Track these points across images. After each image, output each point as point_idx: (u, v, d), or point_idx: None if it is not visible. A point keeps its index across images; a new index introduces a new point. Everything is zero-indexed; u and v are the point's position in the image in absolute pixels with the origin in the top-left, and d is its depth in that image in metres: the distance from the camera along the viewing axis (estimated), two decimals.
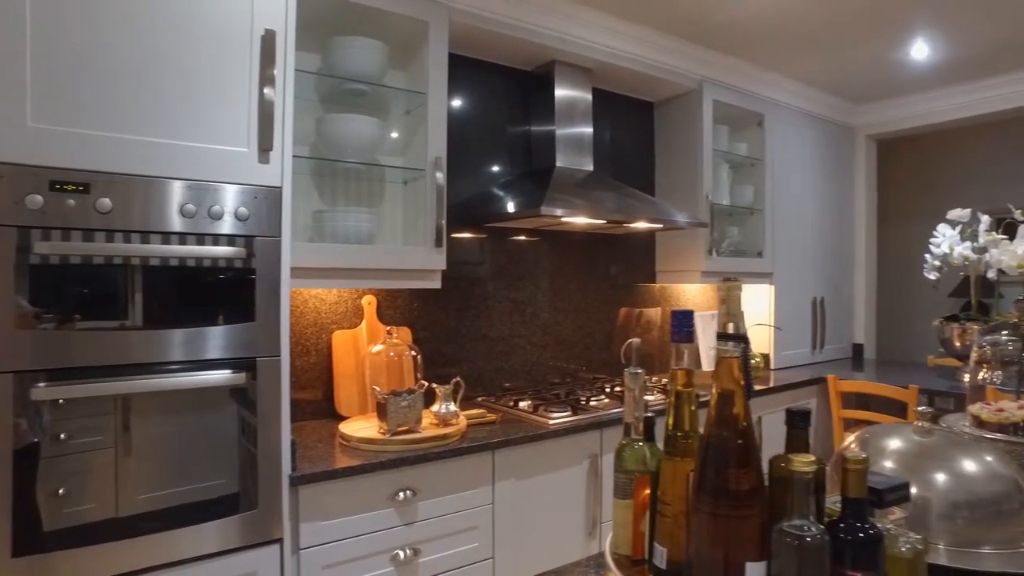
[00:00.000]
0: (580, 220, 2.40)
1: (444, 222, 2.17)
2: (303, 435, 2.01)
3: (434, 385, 2.10)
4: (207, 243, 1.53)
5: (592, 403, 2.43)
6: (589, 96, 2.76)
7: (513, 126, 2.78)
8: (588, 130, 2.74)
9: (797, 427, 0.77)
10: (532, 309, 2.84)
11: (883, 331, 4.44)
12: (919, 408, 1.09)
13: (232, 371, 1.56)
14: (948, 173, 4.70)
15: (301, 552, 1.66)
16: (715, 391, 0.77)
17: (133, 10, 1.45)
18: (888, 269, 4.74)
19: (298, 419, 2.16)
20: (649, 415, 0.94)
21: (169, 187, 1.49)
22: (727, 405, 0.76)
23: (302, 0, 1.78)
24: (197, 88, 1.53)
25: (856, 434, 1.13)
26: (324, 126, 2.10)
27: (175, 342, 1.50)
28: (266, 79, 1.61)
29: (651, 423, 0.93)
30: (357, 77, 2.10)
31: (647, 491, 0.86)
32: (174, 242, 1.50)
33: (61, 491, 1.36)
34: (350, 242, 2.08)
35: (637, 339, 1.82)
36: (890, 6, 2.56)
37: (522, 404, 2.41)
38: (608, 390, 2.66)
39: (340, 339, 2.26)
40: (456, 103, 2.60)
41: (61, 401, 1.36)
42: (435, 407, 2.06)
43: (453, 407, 2.07)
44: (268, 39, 1.62)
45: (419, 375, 2.17)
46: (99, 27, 1.41)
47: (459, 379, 2.15)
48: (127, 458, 1.44)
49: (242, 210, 1.58)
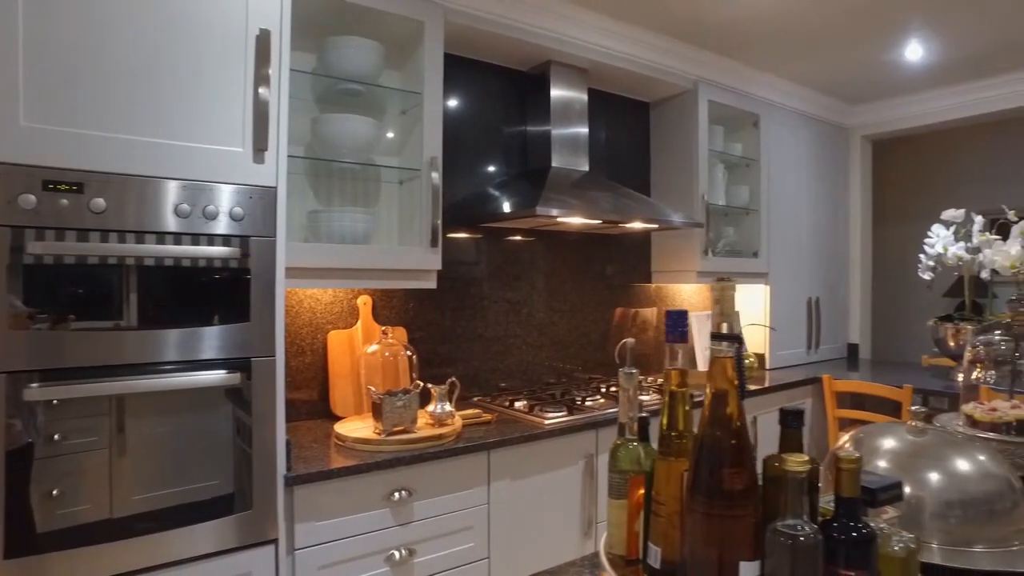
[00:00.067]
0: (576, 220, 2.41)
1: (440, 222, 2.17)
2: (298, 435, 2.01)
3: (430, 385, 2.10)
4: (202, 243, 1.53)
5: (588, 403, 2.43)
6: (585, 96, 2.76)
7: (509, 126, 2.78)
8: (584, 130, 2.74)
9: (791, 427, 0.77)
10: (528, 309, 2.84)
11: (878, 331, 4.46)
12: (913, 408, 1.10)
13: (227, 371, 1.56)
14: (943, 174, 4.72)
15: (296, 553, 1.66)
16: (709, 391, 0.77)
17: (127, 9, 1.45)
18: (883, 269, 4.76)
19: (293, 419, 2.16)
20: (643, 415, 0.94)
21: (164, 187, 1.48)
22: (721, 405, 0.76)
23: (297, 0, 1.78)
24: (191, 88, 1.53)
25: (850, 434, 1.13)
26: (319, 126, 2.09)
27: (170, 342, 1.50)
28: (261, 79, 1.61)
29: (645, 423, 0.94)
30: (352, 77, 2.10)
31: (641, 491, 0.87)
32: (169, 242, 1.49)
33: (55, 492, 1.36)
34: (346, 242, 2.08)
35: (631, 339, 1.82)
36: (884, 7, 2.57)
37: (518, 404, 2.41)
38: (604, 390, 2.66)
39: (335, 339, 2.25)
40: (452, 103, 2.60)
41: (55, 402, 1.36)
42: (431, 407, 2.06)
43: (449, 407, 2.07)
44: (263, 39, 1.61)
45: (415, 375, 2.16)
46: (93, 26, 1.40)
47: (455, 379, 2.15)
48: (121, 459, 1.44)
49: (237, 210, 1.58)
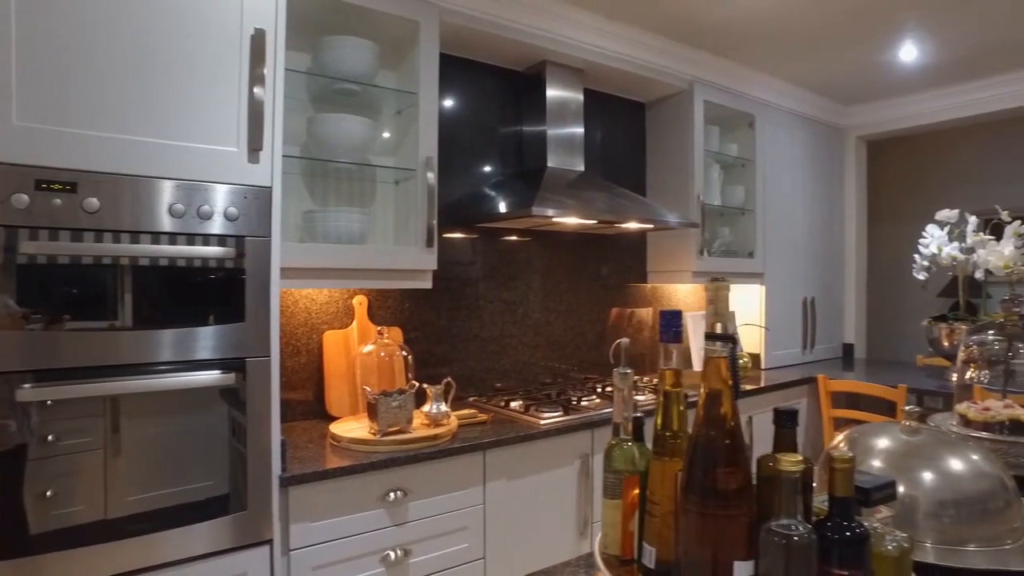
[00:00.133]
0: (571, 220, 2.41)
1: (435, 222, 2.17)
2: (293, 436, 2.00)
3: (425, 385, 2.10)
4: (197, 243, 1.53)
5: (583, 403, 2.43)
6: (580, 96, 2.76)
7: (504, 126, 2.78)
8: (579, 130, 2.75)
9: (785, 426, 0.77)
10: (523, 309, 2.84)
11: (873, 331, 4.47)
12: (907, 407, 1.10)
13: (222, 371, 1.56)
14: (937, 174, 4.73)
15: (291, 553, 1.66)
16: (703, 391, 0.77)
17: (121, 8, 1.44)
18: (878, 269, 4.77)
19: (288, 420, 2.15)
20: (638, 415, 0.94)
21: (158, 187, 1.48)
22: (715, 405, 0.76)
23: None
24: (186, 87, 1.52)
25: (845, 433, 1.13)
26: (315, 126, 2.09)
27: (164, 342, 1.49)
28: (256, 78, 1.60)
29: (640, 423, 0.94)
30: (348, 77, 2.10)
31: (636, 491, 0.87)
32: (163, 242, 1.49)
33: (49, 493, 1.35)
34: (341, 242, 2.07)
35: (626, 339, 1.82)
36: (879, 8, 2.58)
37: (513, 404, 2.41)
38: (599, 390, 2.66)
39: (331, 339, 2.25)
40: (447, 103, 2.60)
41: (49, 402, 1.35)
42: (426, 407, 2.06)
43: (444, 407, 2.07)
44: (258, 38, 1.61)
45: (410, 375, 2.16)
46: (86, 24, 1.40)
47: (450, 379, 2.15)
48: (116, 459, 1.43)
49: (232, 210, 1.57)
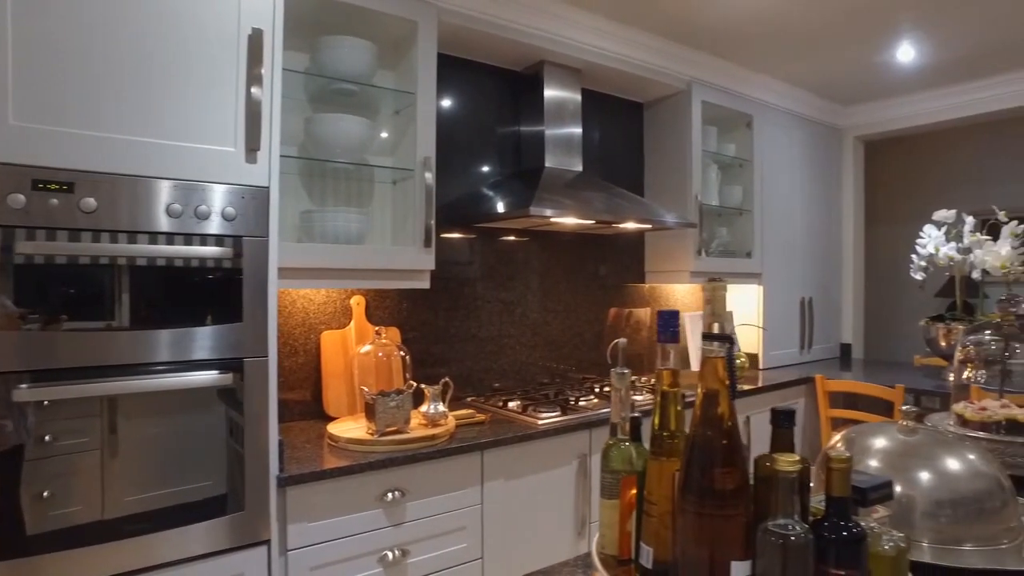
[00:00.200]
0: (569, 220, 2.41)
1: (433, 222, 2.17)
2: (291, 436, 2.00)
3: (423, 385, 2.10)
4: (194, 243, 1.53)
5: (581, 403, 2.43)
6: (578, 97, 2.76)
7: (502, 126, 2.78)
8: (577, 131, 2.75)
9: (782, 426, 0.77)
10: (521, 309, 2.84)
11: (870, 331, 4.48)
12: (904, 407, 1.10)
13: (219, 372, 1.56)
14: (935, 174, 4.74)
15: (289, 553, 1.65)
16: (700, 391, 0.77)
17: (118, 8, 1.44)
18: (875, 269, 4.78)
19: (286, 420, 2.15)
20: (635, 415, 0.94)
21: (155, 187, 1.48)
22: (712, 405, 0.76)
23: None
24: (183, 87, 1.52)
25: (842, 433, 1.13)
26: (312, 126, 2.09)
27: (162, 343, 1.49)
28: (253, 78, 1.60)
29: (637, 423, 0.94)
30: (346, 77, 2.09)
31: (633, 491, 0.87)
32: (161, 242, 1.49)
33: (46, 493, 1.35)
34: (339, 242, 2.07)
35: (623, 339, 1.83)
36: (877, 9, 2.58)
37: (511, 404, 2.41)
38: (597, 390, 2.66)
39: (329, 339, 2.25)
40: (445, 103, 2.60)
41: (46, 402, 1.35)
42: (424, 407, 2.06)
43: (442, 407, 2.07)
44: (255, 38, 1.61)
45: (408, 375, 2.16)
46: (83, 24, 1.40)
47: (448, 379, 2.14)
48: (113, 460, 1.43)
49: (229, 210, 1.57)
